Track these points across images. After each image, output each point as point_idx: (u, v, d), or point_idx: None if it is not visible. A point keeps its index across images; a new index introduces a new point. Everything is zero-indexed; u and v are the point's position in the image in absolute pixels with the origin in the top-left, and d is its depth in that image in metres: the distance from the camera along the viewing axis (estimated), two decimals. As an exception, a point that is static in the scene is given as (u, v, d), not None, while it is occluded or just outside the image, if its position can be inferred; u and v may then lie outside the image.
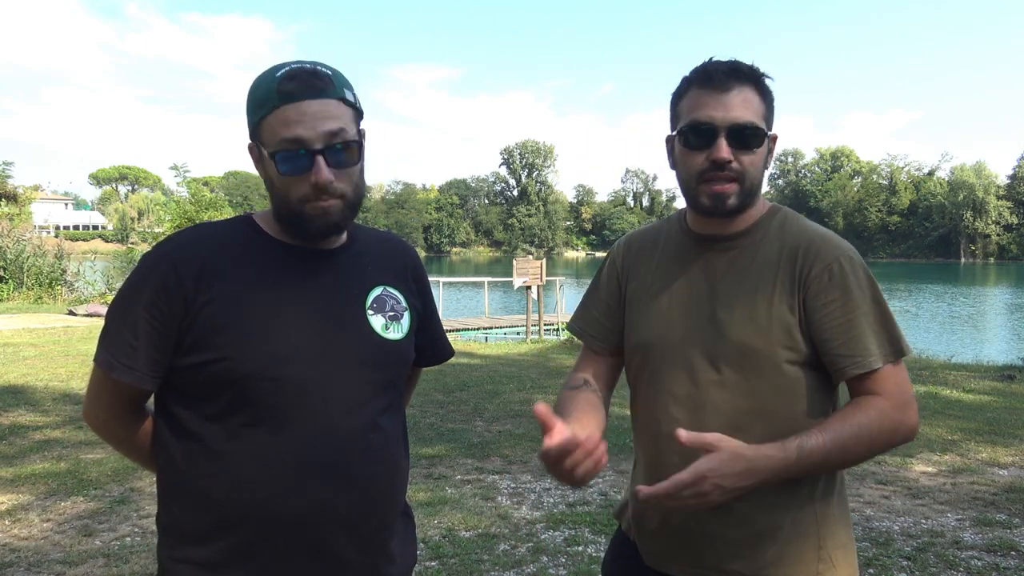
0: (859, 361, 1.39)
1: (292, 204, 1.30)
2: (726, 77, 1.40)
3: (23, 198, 32.09)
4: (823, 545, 1.45)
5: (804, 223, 1.51)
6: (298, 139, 1.25)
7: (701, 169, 1.41)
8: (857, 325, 1.40)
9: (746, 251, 1.48)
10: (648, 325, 1.52)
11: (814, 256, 1.43)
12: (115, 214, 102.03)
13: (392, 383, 1.43)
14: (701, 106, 1.40)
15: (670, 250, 1.56)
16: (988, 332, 25.22)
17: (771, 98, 1.46)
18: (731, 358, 1.42)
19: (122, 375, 1.29)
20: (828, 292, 1.40)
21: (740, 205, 1.44)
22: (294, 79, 1.26)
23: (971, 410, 7.57)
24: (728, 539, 1.43)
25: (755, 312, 1.42)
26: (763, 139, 1.42)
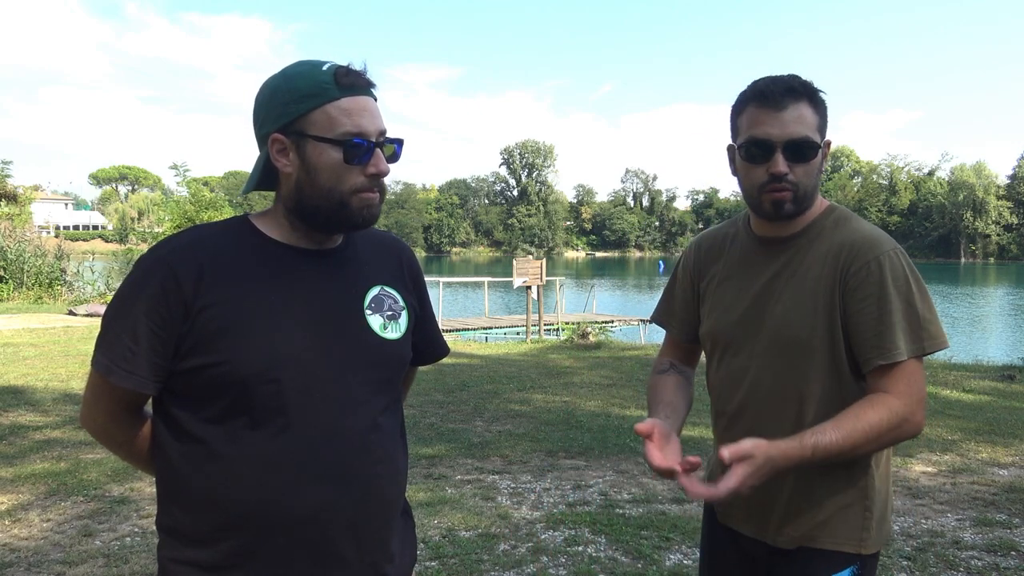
0: (883, 354, 1.52)
1: (340, 194, 1.31)
2: (781, 96, 1.54)
3: (23, 198, 32.08)
4: (868, 513, 1.62)
5: (855, 223, 1.64)
6: (363, 130, 1.29)
7: (761, 182, 1.57)
8: (888, 320, 1.52)
9: (800, 251, 1.64)
10: (714, 319, 1.73)
11: (855, 254, 1.57)
12: (115, 214, 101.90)
13: (391, 382, 1.43)
14: (759, 123, 1.55)
15: (736, 251, 1.75)
16: (988, 332, 25.22)
17: (824, 109, 1.59)
18: (779, 348, 1.60)
19: (122, 380, 1.28)
20: (865, 288, 1.54)
21: (797, 210, 1.59)
22: (350, 74, 1.30)
23: (971, 410, 7.57)
24: (784, 504, 1.62)
25: (802, 306, 1.59)
26: (817, 150, 1.56)
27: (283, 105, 1.31)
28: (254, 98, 1.37)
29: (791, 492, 1.62)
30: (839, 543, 1.61)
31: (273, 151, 1.33)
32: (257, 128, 1.36)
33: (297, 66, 1.34)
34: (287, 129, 1.31)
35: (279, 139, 1.32)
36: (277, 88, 1.33)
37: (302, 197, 1.33)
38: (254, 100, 1.37)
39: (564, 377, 9.45)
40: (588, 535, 4.15)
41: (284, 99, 1.31)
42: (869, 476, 1.62)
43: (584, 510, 4.54)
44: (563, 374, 9.74)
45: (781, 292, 1.62)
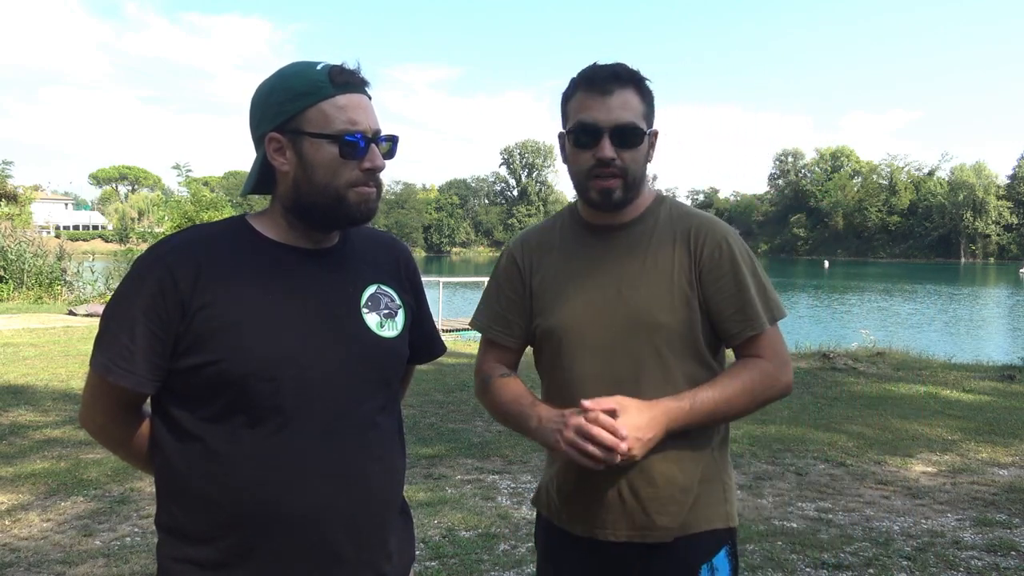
0: (751, 324, 1.59)
1: (336, 189, 1.32)
2: (607, 81, 1.56)
3: (23, 198, 32.10)
4: (726, 488, 1.66)
5: (688, 208, 1.70)
6: (358, 126, 1.31)
7: (589, 166, 1.58)
8: (746, 294, 1.59)
9: (643, 237, 1.64)
10: (558, 312, 1.65)
11: (704, 236, 1.61)
12: (115, 214, 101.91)
13: (388, 381, 1.44)
14: (586, 108, 1.57)
15: (568, 242, 1.70)
16: (988, 332, 25.22)
17: (651, 97, 1.62)
18: (640, 334, 1.58)
19: (120, 379, 1.29)
20: (720, 267, 1.60)
21: (625, 198, 1.60)
22: (344, 72, 1.32)
23: (971, 410, 7.57)
24: (655, 497, 1.58)
25: (659, 290, 1.59)
26: (643, 137, 1.58)
27: (279, 104, 1.32)
28: (250, 100, 1.38)
29: (648, 483, 1.57)
30: (711, 521, 1.61)
31: (270, 150, 1.34)
32: (254, 129, 1.37)
33: (292, 67, 1.36)
34: (283, 128, 1.32)
35: (276, 138, 1.33)
36: (272, 88, 1.34)
37: (299, 195, 1.34)
38: (250, 102, 1.38)
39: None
40: (588, 535, 4.15)
41: (280, 98, 1.32)
42: (714, 452, 1.64)
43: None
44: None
45: (628, 276, 1.60)
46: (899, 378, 9.39)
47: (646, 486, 1.58)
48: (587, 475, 1.55)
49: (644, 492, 1.58)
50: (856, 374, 9.58)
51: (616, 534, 1.61)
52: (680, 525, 1.59)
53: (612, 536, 1.61)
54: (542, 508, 1.76)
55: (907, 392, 8.49)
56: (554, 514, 1.70)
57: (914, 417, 7.16)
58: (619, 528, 1.60)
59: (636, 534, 1.60)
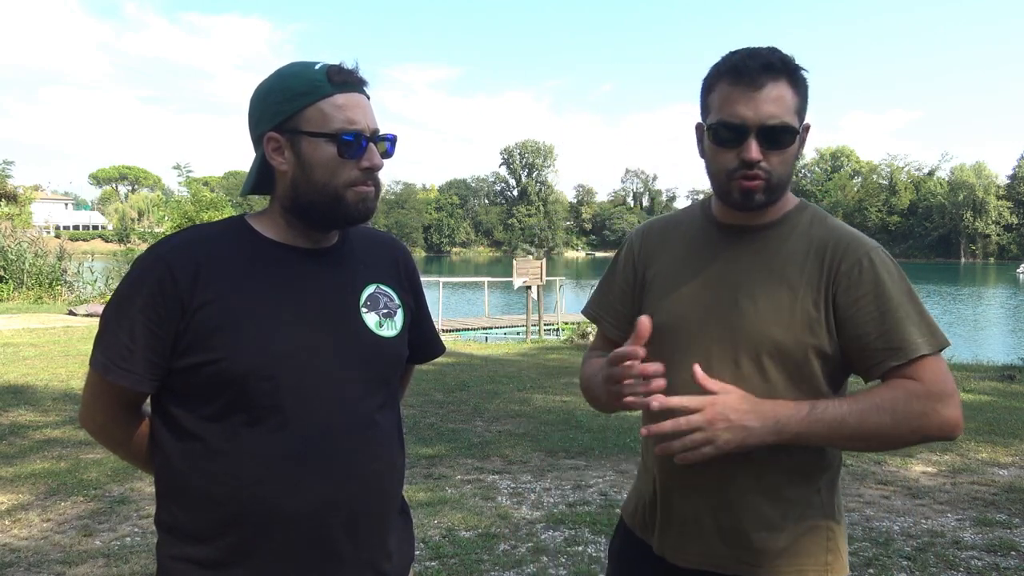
0: (899, 352, 1.36)
1: (335, 188, 1.32)
2: (758, 73, 1.37)
3: (23, 198, 32.11)
4: (831, 536, 1.46)
5: (833, 221, 1.51)
6: (356, 125, 1.31)
7: (731, 167, 1.40)
8: (894, 316, 1.37)
9: (772, 243, 1.47)
10: (666, 309, 1.50)
11: (843, 252, 1.42)
12: (115, 214, 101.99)
13: (387, 380, 1.44)
14: (732, 103, 1.38)
15: (693, 238, 1.55)
16: (988, 332, 25.22)
17: (805, 89, 1.43)
18: (750, 347, 1.42)
19: (119, 378, 1.29)
20: (859, 287, 1.39)
21: (767, 201, 1.43)
22: (343, 72, 1.32)
23: (971, 410, 7.57)
24: (740, 530, 1.43)
25: (779, 304, 1.42)
26: (794, 136, 1.40)
27: (277, 104, 1.32)
28: (249, 100, 1.38)
29: (739, 513, 1.43)
30: (803, 570, 1.44)
31: (268, 150, 1.34)
32: (252, 128, 1.37)
33: (290, 67, 1.36)
34: (282, 127, 1.32)
35: (274, 137, 1.33)
36: (271, 88, 1.34)
37: (298, 194, 1.34)
38: (249, 102, 1.38)
39: (564, 377, 9.44)
40: (588, 535, 4.15)
41: (278, 98, 1.32)
42: (820, 490, 1.47)
43: (584, 510, 4.54)
44: (563, 374, 9.73)
45: (749, 285, 1.45)
46: (899, 378, 9.37)
47: (727, 513, 1.43)
48: (669, 493, 1.48)
49: (723, 520, 1.43)
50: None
51: (686, 559, 1.48)
52: (761, 564, 1.42)
53: (681, 560, 1.48)
54: (626, 516, 1.65)
55: (907, 392, 8.47)
56: (637, 525, 1.59)
57: (914, 417, 7.15)
58: (690, 554, 1.47)
59: (707, 563, 1.45)
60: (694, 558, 1.48)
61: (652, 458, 1.55)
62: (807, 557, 1.44)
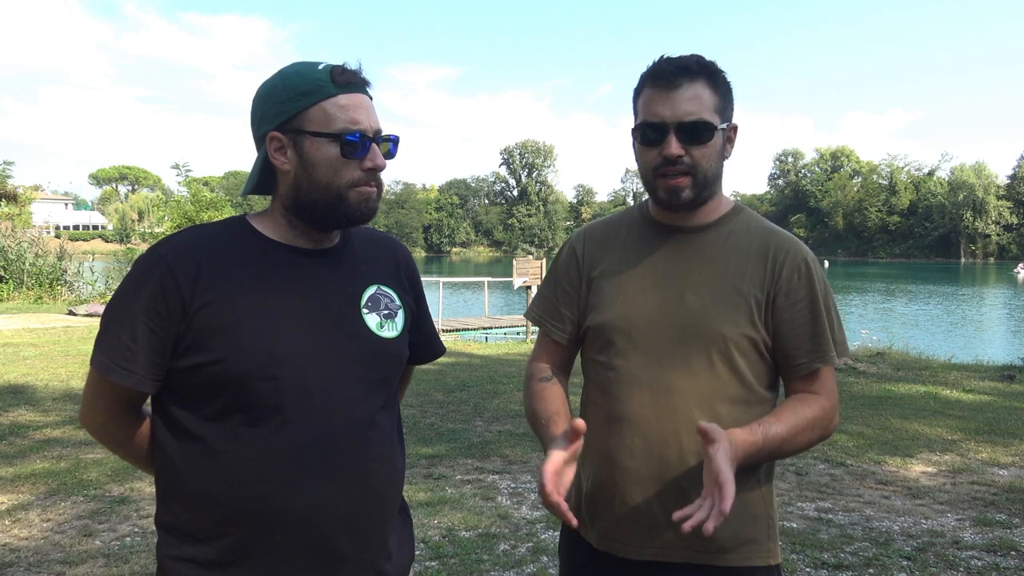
0: (822, 356, 1.50)
1: (337, 188, 1.32)
2: (674, 75, 1.46)
3: (23, 198, 32.10)
4: (771, 524, 1.54)
5: (768, 224, 1.60)
6: (359, 125, 1.31)
7: (655, 164, 1.48)
8: (820, 323, 1.51)
9: (713, 243, 1.54)
10: (613, 309, 1.55)
11: (784, 255, 1.52)
12: (115, 214, 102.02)
13: (387, 381, 1.44)
14: (652, 104, 1.48)
15: (634, 239, 1.61)
16: (988, 332, 25.21)
17: (725, 89, 1.51)
18: (699, 343, 1.48)
19: (121, 379, 1.29)
20: (798, 291, 1.50)
21: (696, 197, 1.50)
22: (346, 72, 1.32)
23: (971, 410, 7.57)
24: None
25: (725, 301, 1.49)
26: (713, 132, 1.47)
27: (280, 103, 1.32)
28: (251, 100, 1.38)
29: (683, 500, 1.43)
30: (749, 557, 1.49)
31: (271, 150, 1.34)
32: (255, 128, 1.37)
33: (293, 66, 1.36)
34: (284, 127, 1.32)
35: (277, 137, 1.33)
36: (274, 88, 1.34)
37: (300, 194, 1.34)
38: (251, 102, 1.38)
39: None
40: (588, 535, 4.15)
41: (281, 97, 1.32)
42: (761, 483, 1.52)
43: (584, 510, 4.53)
44: (563, 374, 9.71)
45: (694, 282, 1.51)
46: (899, 378, 9.39)
47: (675, 505, 1.43)
48: (615, 486, 1.50)
49: (672, 510, 1.42)
50: (856, 374, 9.58)
51: (639, 552, 1.50)
52: (711, 551, 1.47)
53: (634, 555, 1.51)
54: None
55: (907, 392, 8.49)
56: (581, 523, 1.58)
57: (914, 417, 7.16)
58: (642, 545, 1.50)
59: (660, 552, 1.49)
60: (643, 550, 1.51)
61: (593, 454, 1.55)
62: (752, 544, 1.50)
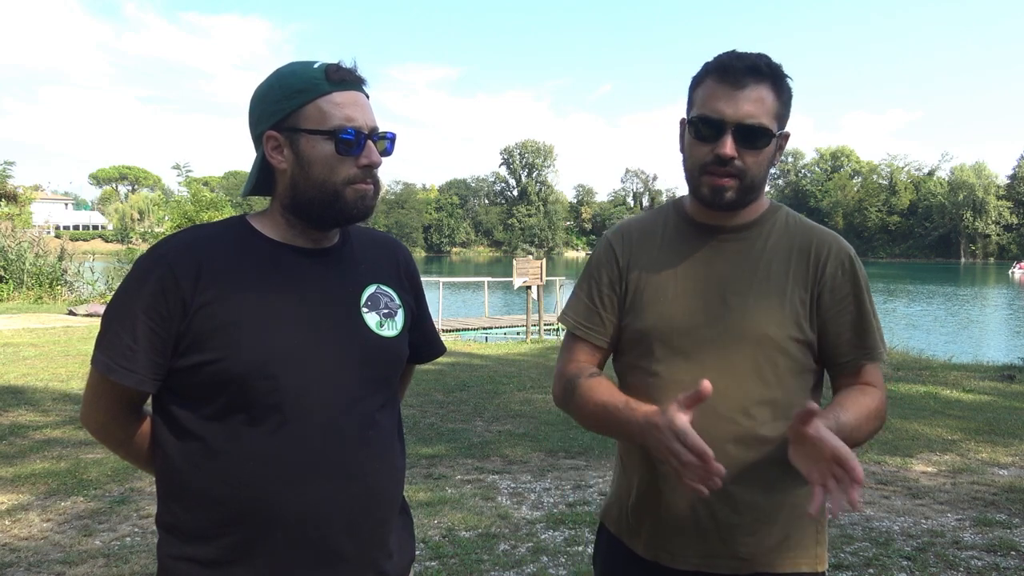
0: (870, 353, 1.48)
1: (334, 185, 1.32)
2: (743, 74, 1.41)
3: (23, 198, 32.10)
4: (819, 529, 1.51)
5: (808, 221, 1.57)
6: (354, 122, 1.31)
7: (705, 161, 1.44)
8: (867, 319, 1.49)
9: (756, 242, 1.51)
10: (654, 312, 1.51)
11: (827, 252, 1.50)
12: (115, 214, 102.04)
13: (387, 380, 1.44)
14: (714, 99, 1.42)
15: (672, 239, 1.56)
16: (988, 332, 25.22)
17: (788, 96, 1.47)
18: (742, 345, 1.44)
19: (122, 378, 1.29)
20: (843, 287, 1.48)
21: (738, 200, 1.46)
22: (341, 70, 1.33)
23: (971, 410, 7.57)
24: (733, 524, 1.45)
25: (769, 301, 1.46)
26: (770, 139, 1.44)
27: (275, 103, 1.33)
28: (249, 101, 1.39)
29: (729, 507, 1.44)
30: (797, 563, 1.47)
31: (268, 148, 1.35)
32: (252, 128, 1.38)
33: (289, 66, 1.37)
34: (280, 126, 1.33)
35: (273, 136, 1.34)
36: (270, 87, 1.35)
37: (297, 192, 1.34)
38: (249, 103, 1.39)
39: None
40: (588, 535, 4.15)
41: (277, 96, 1.33)
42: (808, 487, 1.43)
43: (584, 510, 4.54)
44: (563, 374, 9.71)
45: (739, 285, 1.47)
46: (899, 378, 9.39)
47: (725, 511, 1.43)
48: (659, 494, 1.47)
49: (721, 516, 1.44)
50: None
51: (685, 561, 1.47)
52: (758, 559, 1.44)
53: (680, 563, 1.48)
54: (609, 523, 1.62)
55: (907, 392, 8.49)
56: (623, 531, 1.57)
57: (914, 417, 7.16)
58: (689, 555, 1.47)
59: (704, 563, 1.46)
60: (691, 559, 1.48)
61: (636, 460, 1.54)
62: (800, 550, 1.48)
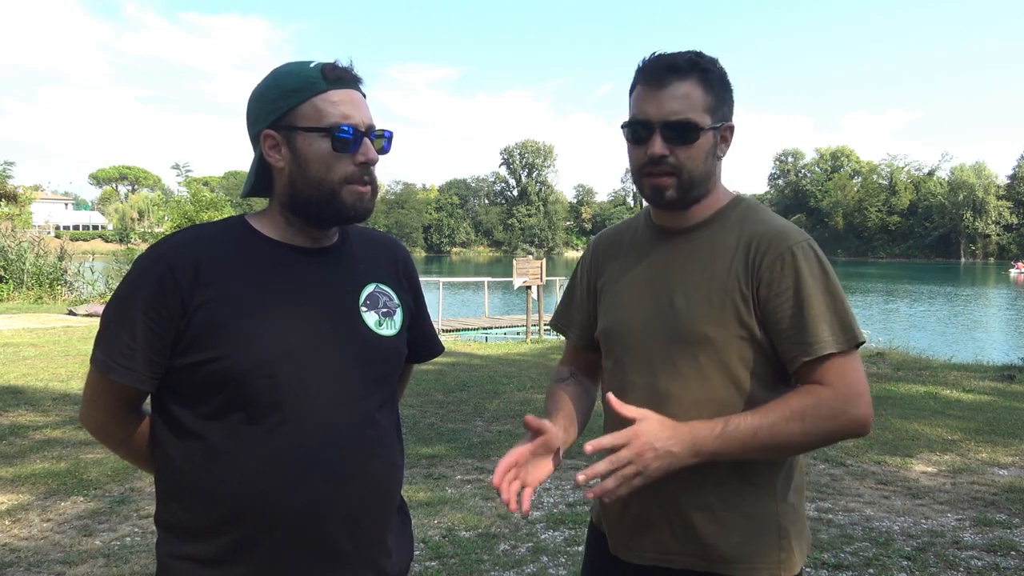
0: (809, 348, 1.39)
1: (331, 183, 1.32)
2: (663, 73, 1.43)
3: (23, 198, 32.11)
4: (783, 535, 1.48)
5: (764, 215, 1.52)
6: (350, 119, 1.31)
7: (642, 162, 1.46)
8: (808, 313, 1.39)
9: (704, 241, 1.51)
10: (612, 315, 1.57)
11: (767, 246, 1.44)
12: (115, 214, 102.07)
13: (386, 379, 1.44)
14: (640, 101, 1.45)
15: (637, 244, 1.61)
16: (988, 332, 25.21)
17: (720, 87, 1.47)
18: (686, 346, 1.45)
19: (121, 377, 1.29)
20: (780, 281, 1.42)
21: (681, 197, 1.47)
22: (337, 69, 1.33)
23: (971, 410, 7.57)
24: (689, 525, 1.46)
25: (710, 301, 1.45)
26: (699, 133, 1.43)
27: (272, 101, 1.33)
28: (247, 101, 1.39)
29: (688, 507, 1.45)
30: (755, 568, 1.45)
31: (265, 147, 1.35)
32: (250, 128, 1.38)
33: (286, 66, 1.37)
34: (278, 124, 1.33)
35: (270, 135, 1.34)
36: (267, 87, 1.36)
37: (295, 191, 1.35)
38: (247, 103, 1.39)
39: (564, 377, 9.42)
40: (588, 535, 4.15)
41: (274, 95, 1.34)
42: (776, 493, 1.48)
43: (584, 510, 4.54)
44: (563, 374, 9.71)
45: (683, 285, 1.48)
46: (899, 378, 9.39)
47: (674, 510, 1.47)
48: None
49: (671, 515, 1.47)
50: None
51: (641, 556, 1.52)
52: (713, 559, 1.45)
53: (636, 559, 1.52)
54: (592, 515, 1.69)
55: (907, 392, 8.49)
56: (604, 529, 1.62)
57: (914, 417, 7.16)
58: (641, 549, 1.51)
59: (661, 558, 1.49)
60: (646, 554, 1.51)
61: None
62: (759, 555, 1.46)
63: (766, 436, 1.35)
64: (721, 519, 1.45)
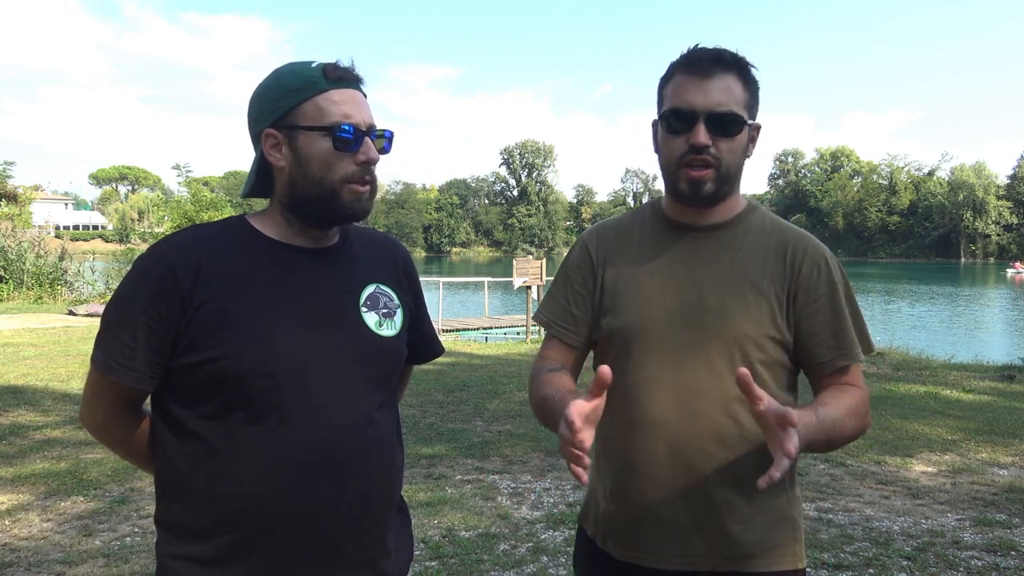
0: (847, 353, 1.47)
1: (332, 183, 1.32)
2: (709, 64, 1.43)
3: (23, 198, 32.10)
4: (796, 527, 1.51)
5: (784, 222, 1.58)
6: (351, 119, 1.32)
7: (680, 153, 1.44)
8: (843, 320, 1.48)
9: (730, 242, 1.51)
10: (632, 311, 1.51)
11: (803, 252, 1.49)
12: (115, 214, 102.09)
13: (386, 379, 1.44)
14: (683, 92, 1.44)
15: (649, 238, 1.57)
16: (988, 332, 25.21)
17: (755, 87, 1.49)
18: (722, 345, 1.45)
19: (121, 377, 1.30)
20: (817, 287, 1.48)
21: (716, 192, 1.46)
22: (339, 69, 1.34)
23: (971, 410, 7.58)
24: (717, 525, 1.45)
25: (746, 300, 1.46)
26: (742, 127, 1.45)
27: (273, 101, 1.34)
28: (248, 101, 1.40)
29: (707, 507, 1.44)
30: (778, 561, 1.47)
31: (266, 147, 1.35)
32: (251, 127, 1.38)
33: (287, 66, 1.38)
34: (279, 124, 1.34)
35: (271, 134, 1.34)
36: (268, 86, 1.36)
37: (295, 190, 1.35)
38: (248, 103, 1.39)
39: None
40: (588, 535, 4.15)
41: (275, 95, 1.34)
42: (785, 485, 1.49)
43: (584, 510, 4.53)
44: (563, 374, 9.70)
45: (713, 282, 1.47)
46: (899, 378, 9.39)
47: (703, 511, 1.44)
48: (638, 494, 1.47)
49: (700, 517, 1.45)
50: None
51: (665, 561, 1.47)
52: (737, 558, 1.45)
53: (661, 563, 1.47)
54: (587, 525, 1.62)
55: (907, 392, 8.50)
56: (598, 534, 1.57)
57: (914, 417, 7.17)
58: (669, 555, 1.47)
59: (686, 562, 1.46)
60: (670, 559, 1.48)
61: (611, 460, 1.54)
62: (779, 548, 1.48)
63: (838, 429, 1.39)
64: (746, 517, 1.46)
